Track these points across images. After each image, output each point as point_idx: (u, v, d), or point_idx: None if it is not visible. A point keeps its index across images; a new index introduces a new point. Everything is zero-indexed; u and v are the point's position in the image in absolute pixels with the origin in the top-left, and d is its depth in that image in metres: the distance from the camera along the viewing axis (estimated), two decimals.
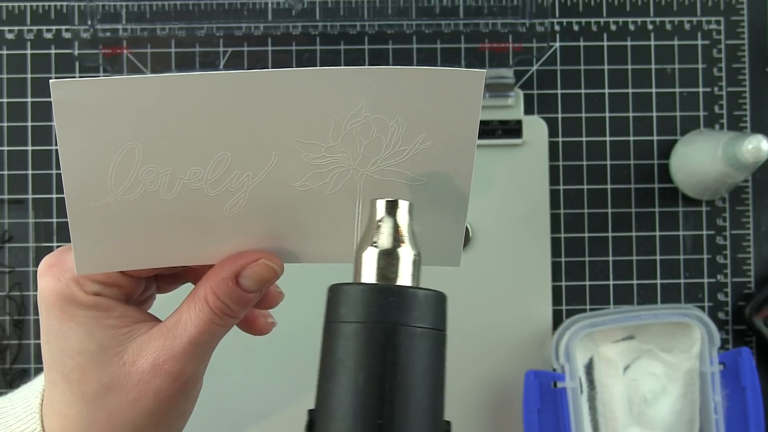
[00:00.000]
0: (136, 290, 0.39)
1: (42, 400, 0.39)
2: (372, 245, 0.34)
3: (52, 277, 0.37)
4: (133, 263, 0.39)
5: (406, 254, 0.34)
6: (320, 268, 0.40)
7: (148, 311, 0.41)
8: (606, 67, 0.67)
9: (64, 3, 0.66)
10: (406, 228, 0.35)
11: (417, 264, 0.35)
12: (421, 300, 0.33)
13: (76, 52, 0.64)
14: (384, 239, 0.35)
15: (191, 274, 0.41)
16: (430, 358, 0.33)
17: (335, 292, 0.33)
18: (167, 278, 0.42)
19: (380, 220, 0.35)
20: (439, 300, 0.33)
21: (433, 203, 0.40)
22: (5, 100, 0.65)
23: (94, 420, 0.37)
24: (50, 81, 0.37)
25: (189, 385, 0.38)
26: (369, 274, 0.34)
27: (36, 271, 0.65)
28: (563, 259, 0.66)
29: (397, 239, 0.35)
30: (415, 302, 0.33)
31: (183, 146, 0.38)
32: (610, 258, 0.66)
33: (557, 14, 0.67)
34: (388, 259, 0.34)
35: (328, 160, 0.39)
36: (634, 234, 0.66)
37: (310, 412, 0.32)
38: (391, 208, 0.35)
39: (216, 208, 0.39)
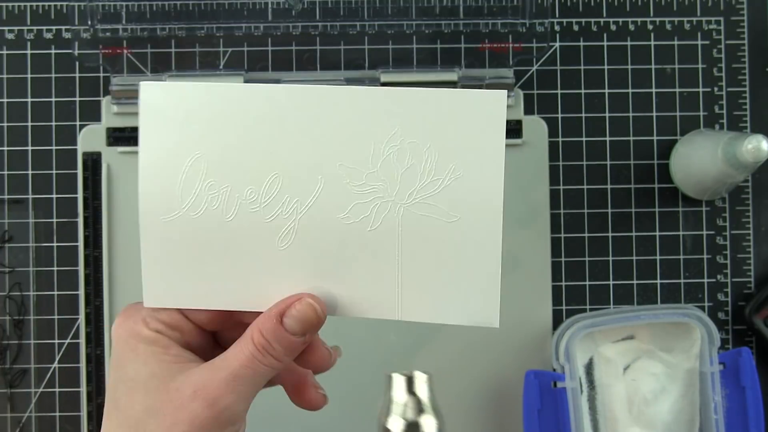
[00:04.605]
0: (197, 341, 0.42)
1: None
2: (397, 415, 0.39)
3: (125, 316, 0.41)
4: (196, 302, 0.42)
5: (429, 424, 0.39)
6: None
7: None
8: (606, 67, 0.67)
9: (64, 3, 0.66)
10: (427, 399, 0.39)
11: None
12: None
13: (76, 52, 0.64)
14: (408, 411, 0.39)
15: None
16: None
17: None
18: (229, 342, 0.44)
19: (402, 392, 0.39)
20: None
21: (466, 245, 0.41)
22: (5, 100, 0.65)
23: None
24: (140, 83, 0.41)
25: (224, 417, 0.39)
26: None
27: (36, 271, 0.66)
28: (563, 259, 0.66)
29: (419, 410, 0.39)
30: None
31: (240, 162, 0.41)
32: (610, 258, 0.66)
33: (557, 14, 0.67)
34: (413, 430, 0.38)
35: (369, 188, 0.41)
36: (634, 234, 0.66)
37: None
38: (410, 380, 0.39)
39: (270, 238, 0.42)
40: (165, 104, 0.41)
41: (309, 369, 0.44)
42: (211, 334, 0.43)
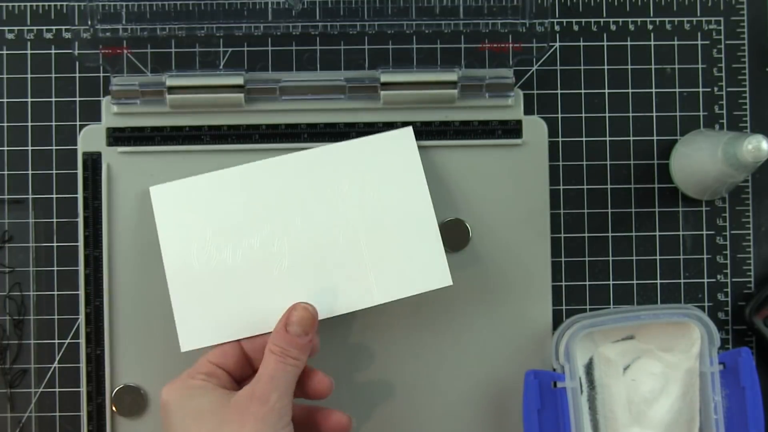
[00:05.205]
0: (228, 383, 0.55)
1: None
2: None
3: (171, 383, 0.54)
4: (223, 337, 0.57)
5: None
6: None
7: None
8: (606, 67, 0.67)
9: (64, 3, 0.66)
10: None
11: None
12: None
13: (76, 52, 0.64)
14: None
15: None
16: None
17: None
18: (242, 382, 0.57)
19: None
20: None
21: (413, 236, 0.59)
22: (5, 100, 0.65)
23: None
24: (150, 188, 0.60)
25: (277, 409, 0.51)
26: None
27: (36, 271, 0.66)
28: (563, 259, 0.66)
29: None
30: None
31: (237, 224, 0.59)
32: (610, 258, 0.66)
33: (557, 14, 0.67)
34: None
35: (335, 221, 0.59)
36: (634, 234, 0.66)
37: None
38: None
39: (267, 269, 0.58)
40: (171, 200, 0.59)
41: (313, 397, 0.56)
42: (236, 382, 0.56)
